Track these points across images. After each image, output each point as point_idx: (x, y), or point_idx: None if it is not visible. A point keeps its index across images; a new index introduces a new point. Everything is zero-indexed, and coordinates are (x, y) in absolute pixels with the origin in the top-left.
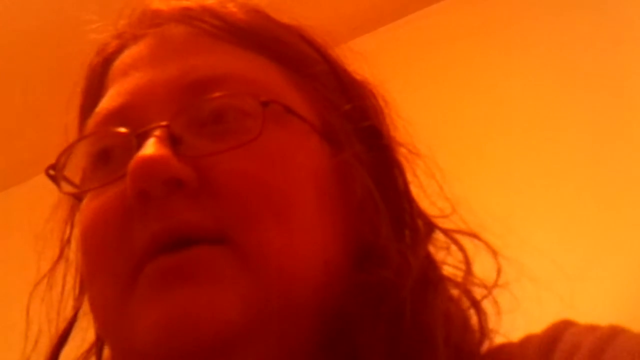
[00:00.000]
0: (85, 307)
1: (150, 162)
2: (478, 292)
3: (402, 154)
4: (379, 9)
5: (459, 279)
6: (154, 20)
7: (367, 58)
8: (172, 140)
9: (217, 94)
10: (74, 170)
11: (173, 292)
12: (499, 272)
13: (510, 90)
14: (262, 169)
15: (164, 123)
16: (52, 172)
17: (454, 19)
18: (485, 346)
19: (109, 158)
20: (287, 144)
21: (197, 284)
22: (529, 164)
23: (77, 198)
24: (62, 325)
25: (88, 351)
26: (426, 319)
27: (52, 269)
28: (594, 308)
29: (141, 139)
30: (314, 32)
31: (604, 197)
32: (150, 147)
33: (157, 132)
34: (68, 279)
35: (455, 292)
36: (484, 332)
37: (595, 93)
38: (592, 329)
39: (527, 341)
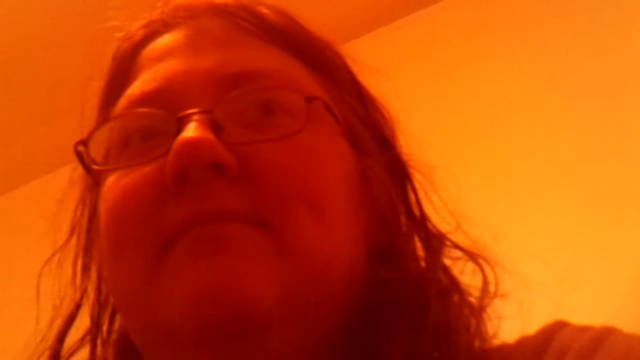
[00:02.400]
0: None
1: (196, 144)
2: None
3: (410, 166)
4: (373, 11)
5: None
6: (189, 11)
7: (363, 61)
8: (214, 126)
9: (261, 85)
10: (97, 148)
11: (211, 260)
12: (497, 281)
13: (503, 93)
14: (301, 162)
15: (206, 108)
16: (81, 148)
17: (450, 21)
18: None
19: (142, 138)
20: (325, 142)
21: (235, 255)
22: (522, 170)
23: (97, 178)
24: (71, 305)
25: (82, 338)
26: (450, 319)
27: (63, 247)
28: (588, 311)
29: (182, 122)
30: (334, 40)
31: (598, 200)
32: (196, 130)
33: (199, 117)
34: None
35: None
36: (482, 336)
37: (590, 98)
38: (584, 330)
39: (522, 342)
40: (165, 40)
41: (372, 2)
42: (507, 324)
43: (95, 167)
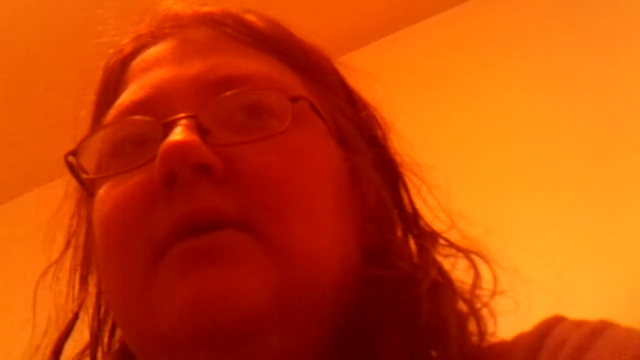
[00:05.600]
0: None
1: (181, 146)
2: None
3: (403, 166)
4: (373, 22)
5: (460, 287)
6: (176, 22)
7: (361, 71)
8: (200, 130)
9: (246, 88)
10: (88, 160)
11: (202, 272)
12: (495, 280)
13: (503, 96)
14: (287, 162)
15: (191, 113)
16: (71, 158)
17: (450, 31)
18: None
19: (132, 146)
20: (311, 142)
21: (227, 265)
22: (521, 167)
23: (90, 189)
24: (68, 316)
25: (82, 352)
26: (442, 315)
27: (59, 259)
28: (586, 306)
29: (168, 127)
30: (321, 44)
31: (596, 196)
32: (181, 133)
33: (185, 122)
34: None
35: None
36: (482, 335)
37: (589, 102)
38: (580, 324)
39: (519, 338)
40: (153, 51)
41: (373, 13)
42: (505, 320)
43: (85, 176)
